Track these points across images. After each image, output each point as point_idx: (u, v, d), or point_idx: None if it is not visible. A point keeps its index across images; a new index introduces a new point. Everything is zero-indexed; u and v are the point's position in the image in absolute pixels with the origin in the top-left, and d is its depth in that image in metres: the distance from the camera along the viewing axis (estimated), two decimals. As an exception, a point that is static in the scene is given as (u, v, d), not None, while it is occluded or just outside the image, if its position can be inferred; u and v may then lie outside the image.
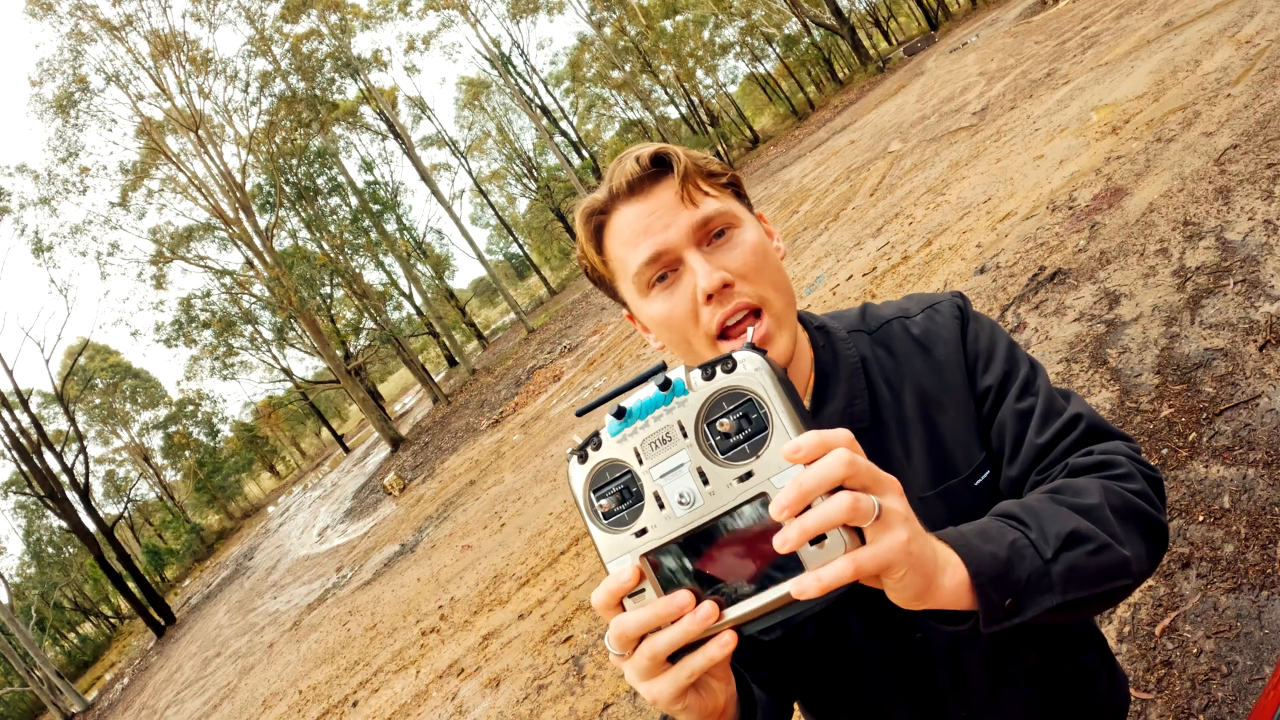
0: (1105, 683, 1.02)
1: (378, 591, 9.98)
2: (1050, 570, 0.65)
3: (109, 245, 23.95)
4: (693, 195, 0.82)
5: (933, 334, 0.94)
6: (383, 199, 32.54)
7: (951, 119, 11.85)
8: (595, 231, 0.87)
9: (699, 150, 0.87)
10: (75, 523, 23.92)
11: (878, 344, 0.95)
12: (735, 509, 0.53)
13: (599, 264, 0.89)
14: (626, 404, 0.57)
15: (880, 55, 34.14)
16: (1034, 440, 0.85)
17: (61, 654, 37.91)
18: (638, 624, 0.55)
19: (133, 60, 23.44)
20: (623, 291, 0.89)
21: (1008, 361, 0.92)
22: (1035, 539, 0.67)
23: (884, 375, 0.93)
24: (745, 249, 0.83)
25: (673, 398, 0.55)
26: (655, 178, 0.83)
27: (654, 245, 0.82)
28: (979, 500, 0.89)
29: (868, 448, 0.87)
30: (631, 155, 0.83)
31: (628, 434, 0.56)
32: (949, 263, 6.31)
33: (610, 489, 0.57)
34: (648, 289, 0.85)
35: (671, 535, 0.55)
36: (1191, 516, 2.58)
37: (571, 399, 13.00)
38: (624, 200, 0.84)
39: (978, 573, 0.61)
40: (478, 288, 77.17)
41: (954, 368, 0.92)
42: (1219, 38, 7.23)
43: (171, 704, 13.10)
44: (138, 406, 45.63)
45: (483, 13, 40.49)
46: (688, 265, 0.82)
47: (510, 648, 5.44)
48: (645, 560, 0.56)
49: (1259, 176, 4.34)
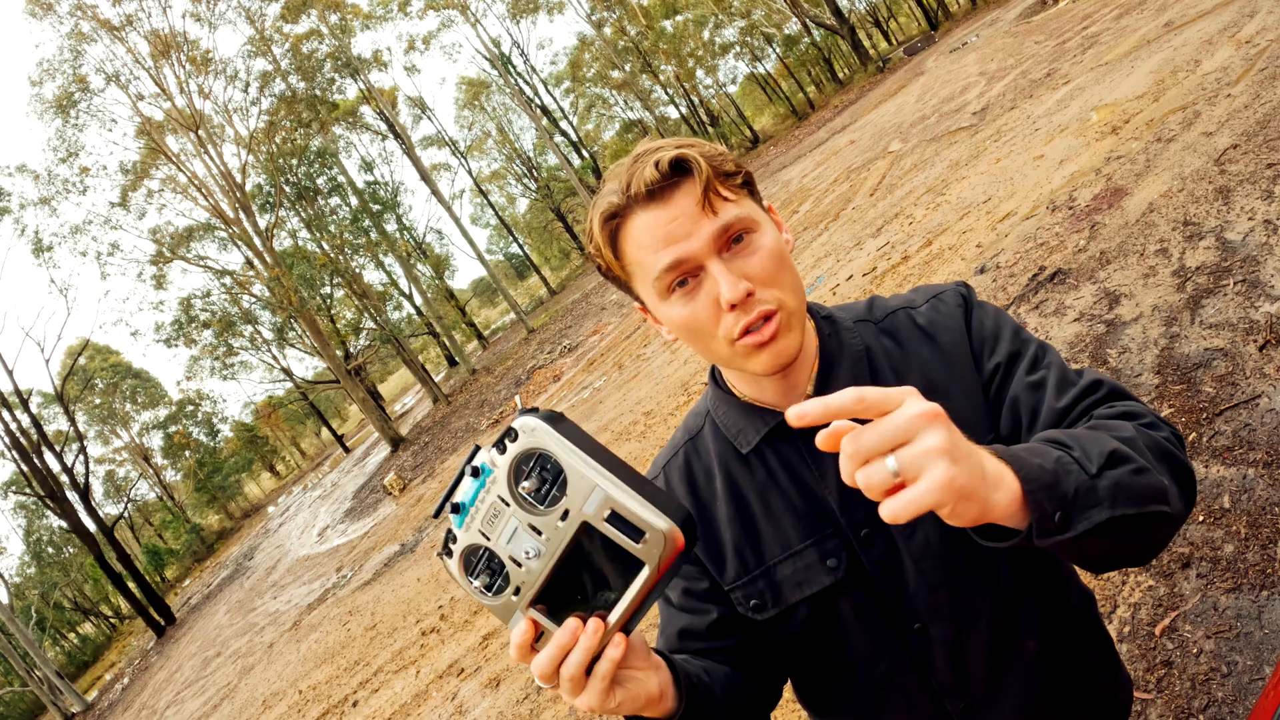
0: (1105, 681, 1.02)
1: (378, 591, 9.98)
2: (1096, 485, 0.66)
3: (109, 245, 23.97)
4: (713, 203, 0.83)
5: (938, 323, 0.95)
6: (383, 199, 32.54)
7: (951, 119, 11.86)
8: (611, 235, 0.87)
9: (715, 153, 0.86)
10: (75, 523, 23.92)
11: (884, 333, 0.97)
12: (571, 542, 0.64)
13: (615, 266, 0.90)
14: (458, 499, 0.68)
15: (880, 55, 34.14)
16: (1053, 405, 0.85)
17: (61, 654, 37.91)
18: (549, 659, 0.66)
19: (133, 60, 23.45)
20: (639, 291, 0.90)
21: (1014, 341, 0.93)
22: (1079, 456, 0.67)
23: (890, 364, 0.94)
24: (764, 255, 0.84)
25: (485, 479, 0.66)
26: (675, 184, 0.83)
27: (675, 253, 0.82)
28: None
29: None
30: (650, 159, 0.83)
31: (469, 521, 0.67)
32: (949, 263, 6.31)
33: (478, 568, 0.68)
34: (668, 293, 0.86)
35: (538, 584, 0.66)
36: (1191, 516, 2.59)
37: (572, 399, 13.01)
38: (642, 205, 0.84)
39: (1029, 481, 0.62)
40: (478, 288, 77.17)
41: (960, 354, 0.93)
42: (1219, 38, 7.23)
43: (171, 704, 13.11)
44: (138, 406, 45.65)
45: (483, 13, 40.52)
46: (709, 273, 0.83)
47: (510, 648, 5.44)
48: (533, 609, 0.67)
49: (1259, 176, 4.34)
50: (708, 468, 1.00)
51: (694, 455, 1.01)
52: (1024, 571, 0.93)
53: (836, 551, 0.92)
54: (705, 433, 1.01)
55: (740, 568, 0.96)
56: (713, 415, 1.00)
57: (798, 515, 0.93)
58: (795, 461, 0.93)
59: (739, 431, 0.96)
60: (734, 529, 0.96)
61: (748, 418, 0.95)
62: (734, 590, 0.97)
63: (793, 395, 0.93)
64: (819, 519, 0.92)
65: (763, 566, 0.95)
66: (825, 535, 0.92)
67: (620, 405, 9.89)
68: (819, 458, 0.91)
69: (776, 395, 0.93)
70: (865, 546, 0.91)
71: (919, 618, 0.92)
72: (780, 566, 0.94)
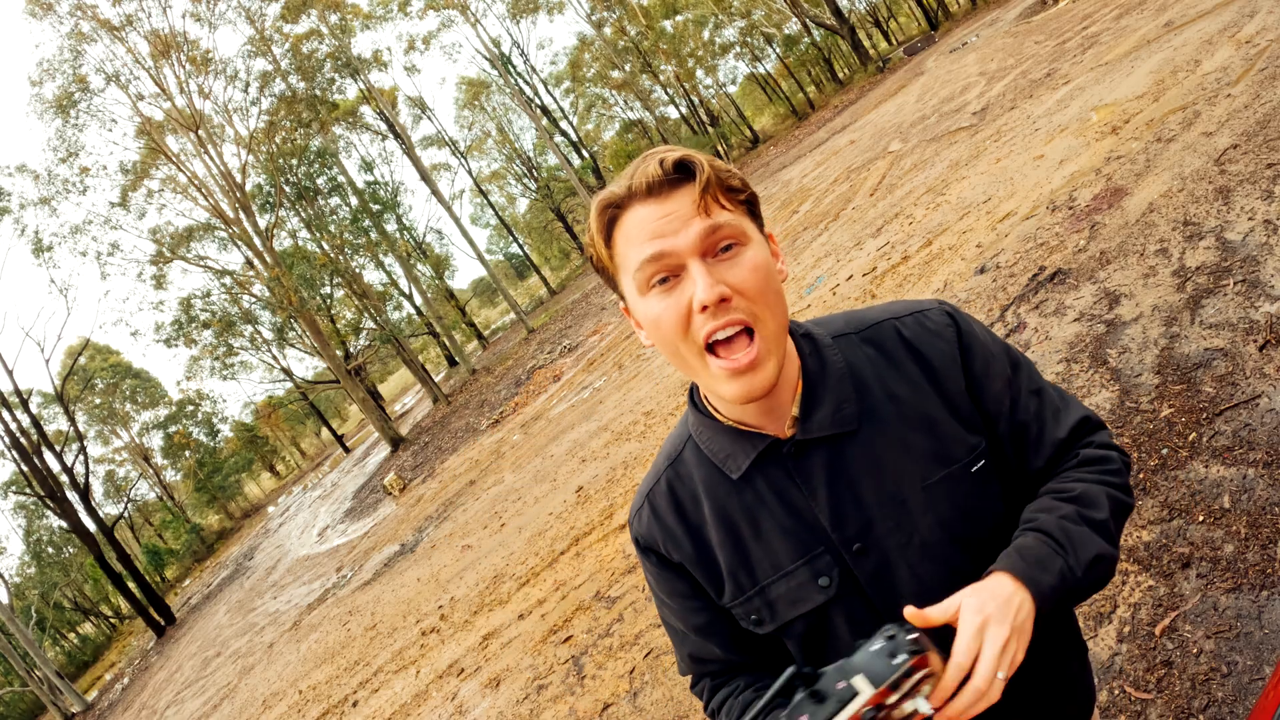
0: (1082, 693, 1.07)
1: (378, 591, 9.98)
2: (1080, 586, 0.87)
3: (109, 245, 23.91)
4: (709, 206, 0.83)
5: (924, 340, 0.95)
6: (383, 199, 32.52)
7: (951, 119, 11.86)
8: (608, 224, 0.87)
9: (723, 166, 0.87)
10: (75, 523, 23.92)
11: (867, 343, 0.96)
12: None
13: (605, 256, 0.90)
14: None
15: (880, 55, 34.13)
16: (1055, 436, 0.97)
17: (61, 654, 37.88)
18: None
19: (133, 60, 23.43)
20: (623, 286, 0.90)
21: (1008, 365, 0.98)
22: (1073, 564, 0.86)
23: (876, 375, 0.94)
24: (748, 267, 0.84)
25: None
26: (676, 183, 0.83)
27: (659, 246, 0.83)
28: (977, 485, 0.94)
29: (859, 450, 0.92)
30: (656, 157, 0.84)
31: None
32: (949, 263, 6.31)
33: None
34: (647, 287, 0.85)
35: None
36: (1191, 516, 2.59)
37: (572, 399, 13.01)
38: (641, 199, 0.84)
39: (1042, 605, 0.84)
40: (478, 288, 77.14)
41: (951, 375, 0.95)
42: (1219, 38, 7.22)
43: (171, 704, 13.10)
44: (138, 406, 45.62)
45: (483, 13, 40.52)
46: (689, 273, 0.83)
47: (510, 648, 5.44)
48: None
49: (1259, 176, 4.34)
50: (693, 492, 0.99)
51: (676, 480, 1.01)
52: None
53: (828, 569, 0.92)
54: (686, 456, 1.00)
55: (736, 589, 0.97)
56: (695, 439, 0.99)
57: (787, 535, 0.93)
58: (783, 483, 0.93)
59: (727, 457, 0.95)
60: (725, 552, 0.97)
61: (735, 443, 0.94)
62: (733, 608, 0.99)
63: (776, 416, 0.92)
64: (809, 538, 0.92)
65: (757, 586, 0.96)
66: (816, 554, 0.92)
67: (620, 405, 9.90)
68: (808, 477, 0.91)
69: (760, 417, 0.92)
70: (859, 560, 0.92)
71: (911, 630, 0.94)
72: (773, 586, 0.95)
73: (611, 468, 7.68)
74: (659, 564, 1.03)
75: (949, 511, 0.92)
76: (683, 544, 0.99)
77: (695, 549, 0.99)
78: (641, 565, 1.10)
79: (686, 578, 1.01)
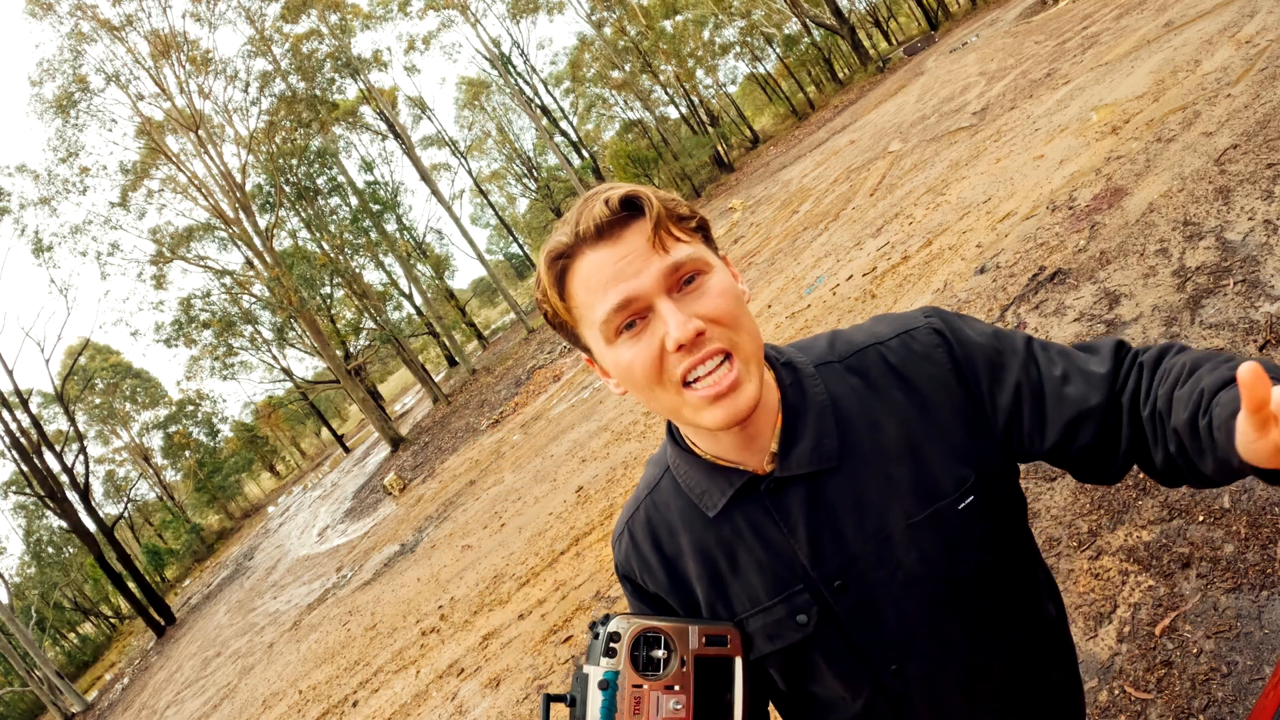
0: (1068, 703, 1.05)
1: (378, 591, 9.98)
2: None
3: (109, 245, 23.93)
4: (664, 241, 0.79)
5: (911, 364, 0.91)
6: (383, 199, 32.53)
7: (951, 119, 11.86)
8: (559, 276, 0.82)
9: (669, 196, 0.84)
10: (75, 523, 23.92)
11: (851, 372, 0.92)
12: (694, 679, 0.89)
13: (562, 309, 0.84)
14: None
15: (880, 55, 34.14)
16: (1098, 371, 0.85)
17: (61, 654, 37.90)
18: None
19: (133, 60, 23.43)
20: (585, 338, 0.86)
21: (1018, 345, 0.90)
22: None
23: (861, 406, 0.90)
24: (716, 293, 0.81)
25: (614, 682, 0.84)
26: (624, 221, 0.79)
27: (624, 292, 0.78)
28: (965, 522, 0.88)
29: (840, 485, 0.88)
30: (600, 197, 0.80)
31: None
32: (949, 263, 6.31)
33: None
34: (615, 336, 0.81)
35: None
36: (1191, 516, 2.59)
37: (572, 399, 13.01)
38: (591, 244, 0.80)
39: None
40: (478, 288, 77.16)
41: (943, 396, 0.90)
42: (1219, 38, 7.22)
43: (171, 704, 13.11)
44: (138, 406, 45.61)
45: (483, 13, 40.52)
46: (658, 313, 0.79)
47: (510, 648, 5.44)
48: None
49: (1259, 176, 4.34)
50: (670, 523, 0.97)
51: (654, 511, 0.99)
52: (995, 596, 0.93)
53: (806, 607, 0.90)
54: (664, 485, 0.98)
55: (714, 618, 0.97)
56: (673, 471, 0.97)
57: (764, 572, 0.91)
58: (761, 520, 0.90)
59: (703, 493, 0.92)
60: (703, 584, 0.95)
61: (711, 479, 0.91)
62: None
63: (755, 450, 0.89)
64: (786, 575, 0.90)
65: (734, 620, 0.94)
66: (794, 591, 0.90)
67: (620, 405, 9.90)
68: (787, 515, 0.89)
69: (738, 451, 0.89)
70: (839, 597, 0.90)
71: (896, 659, 0.92)
72: (750, 620, 0.93)
73: (611, 468, 7.68)
74: (634, 593, 1.03)
75: (935, 550, 0.88)
76: (658, 575, 0.98)
77: (671, 581, 0.98)
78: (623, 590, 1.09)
79: (663, 607, 1.01)
